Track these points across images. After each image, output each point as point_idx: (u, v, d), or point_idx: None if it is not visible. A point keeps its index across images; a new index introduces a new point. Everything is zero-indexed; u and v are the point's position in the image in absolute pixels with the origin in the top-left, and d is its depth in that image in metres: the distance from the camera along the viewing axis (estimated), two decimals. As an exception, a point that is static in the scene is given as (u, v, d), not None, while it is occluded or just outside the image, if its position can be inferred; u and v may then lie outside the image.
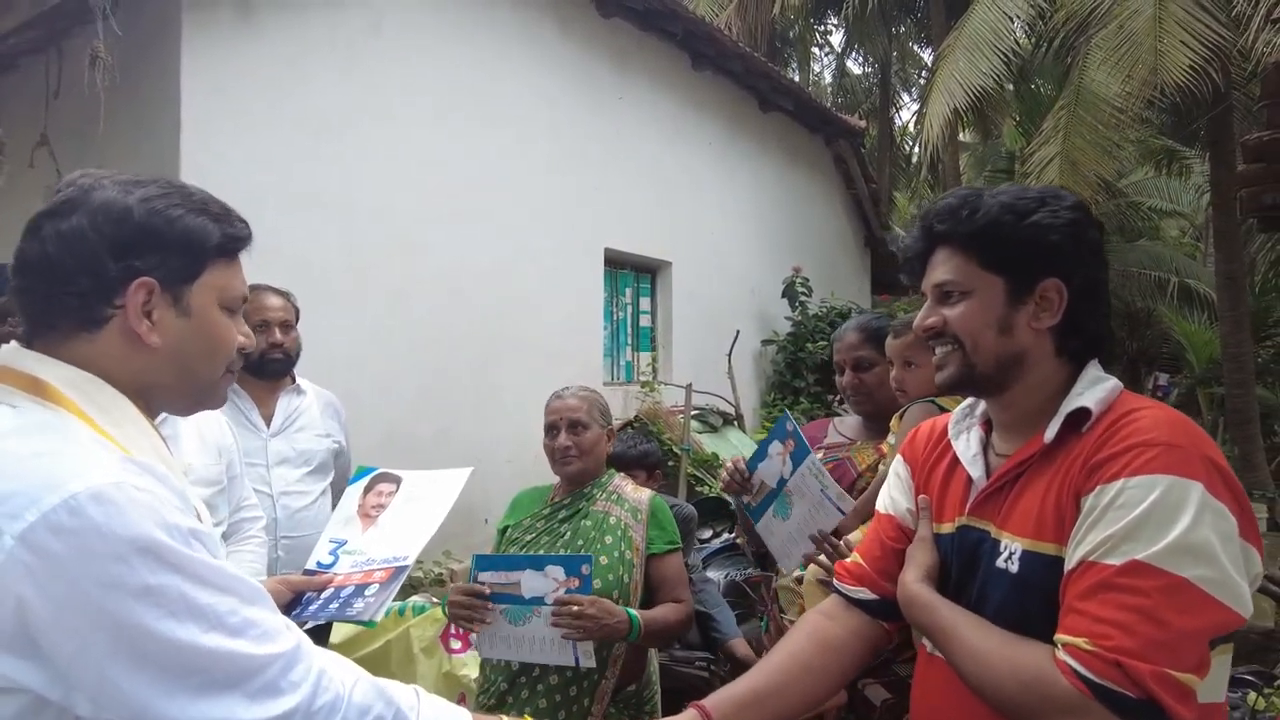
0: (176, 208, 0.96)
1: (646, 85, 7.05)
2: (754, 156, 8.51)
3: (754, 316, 8.39)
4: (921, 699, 1.20)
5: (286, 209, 4.29)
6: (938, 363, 1.16)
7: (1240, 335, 8.37)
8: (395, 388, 4.88)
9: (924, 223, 1.17)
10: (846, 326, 2.09)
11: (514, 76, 5.78)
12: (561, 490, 2.18)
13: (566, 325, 6.19)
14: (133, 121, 3.94)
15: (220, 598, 0.83)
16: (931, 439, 1.29)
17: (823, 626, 1.27)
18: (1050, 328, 1.10)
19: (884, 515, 1.31)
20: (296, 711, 0.84)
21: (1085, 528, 0.97)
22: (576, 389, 2.20)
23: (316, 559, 1.58)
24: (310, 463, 2.79)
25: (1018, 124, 13.35)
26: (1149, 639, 0.89)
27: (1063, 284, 1.09)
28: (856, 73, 18.46)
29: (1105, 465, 0.98)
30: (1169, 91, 6.63)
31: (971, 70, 8.43)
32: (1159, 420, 1.00)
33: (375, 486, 1.78)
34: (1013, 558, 1.05)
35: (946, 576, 1.15)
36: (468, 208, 5.40)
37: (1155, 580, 0.91)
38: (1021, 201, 1.10)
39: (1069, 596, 0.96)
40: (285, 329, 2.69)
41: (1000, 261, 1.09)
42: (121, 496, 0.80)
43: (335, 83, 4.61)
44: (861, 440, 2.00)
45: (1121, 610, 0.91)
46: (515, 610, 1.82)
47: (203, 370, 1.01)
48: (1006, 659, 0.98)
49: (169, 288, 0.95)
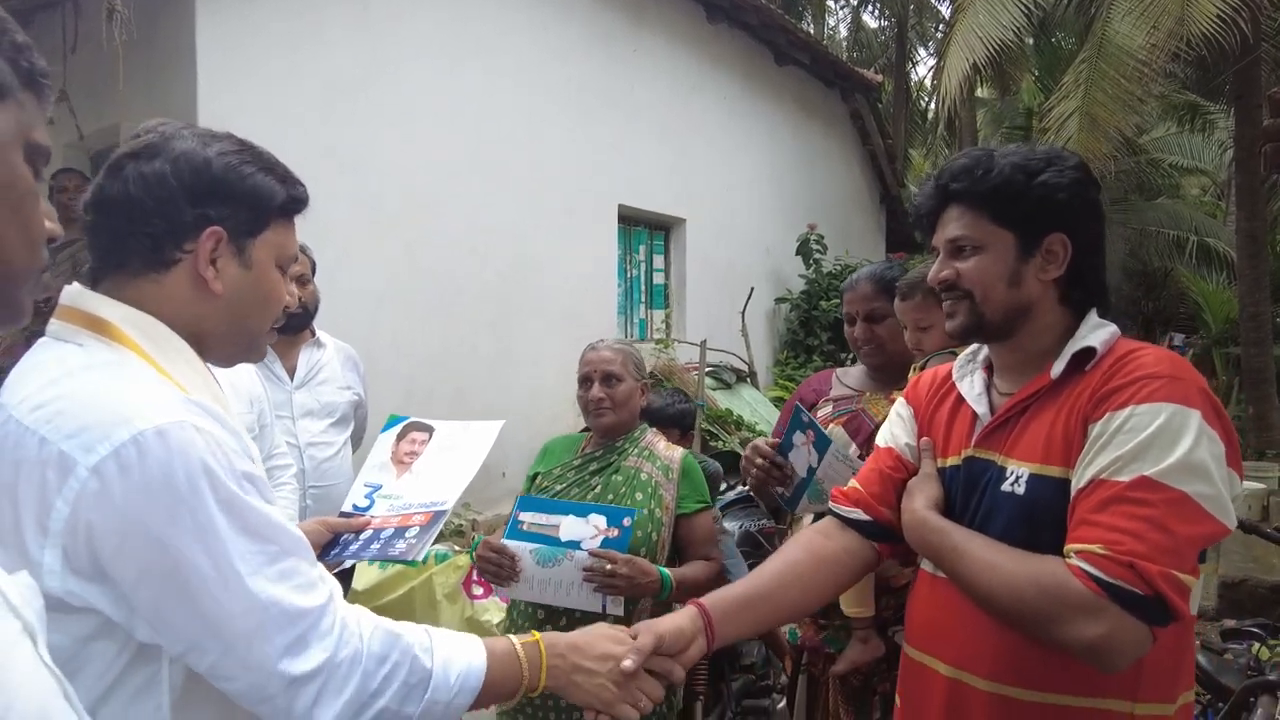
0: (249, 164, 1.00)
1: (661, 39, 6.94)
2: (769, 112, 8.40)
3: (768, 274, 8.36)
4: (922, 617, 1.28)
5: (302, 164, 4.15)
6: (948, 311, 1.24)
7: (1259, 294, 8.27)
8: (412, 345, 4.93)
9: (938, 182, 1.24)
10: (859, 276, 2.05)
11: (528, 31, 5.71)
12: (593, 442, 2.17)
13: (581, 282, 6.20)
14: (149, 76, 3.94)
15: (264, 544, 0.87)
16: (934, 384, 1.38)
17: (818, 542, 1.34)
18: (1055, 279, 1.19)
19: (883, 448, 1.40)
20: (323, 669, 0.88)
21: (1095, 450, 1.07)
22: (612, 341, 2.19)
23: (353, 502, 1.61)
24: (333, 414, 2.84)
25: (1036, 79, 13.07)
26: (1157, 544, 0.99)
27: (1067, 238, 1.18)
28: (873, 26, 18.06)
29: (1114, 395, 1.08)
30: (1195, 43, 6.47)
31: (991, 23, 8.25)
32: (1160, 357, 1.12)
33: (409, 434, 1.78)
34: (1019, 481, 1.14)
35: (950, 505, 1.23)
36: (482, 164, 5.38)
37: (1161, 494, 1.01)
38: (1031, 162, 1.18)
39: (1080, 510, 1.06)
40: (302, 283, 2.71)
41: (1011, 218, 1.17)
42: (185, 435, 0.84)
43: (350, 39, 4.57)
44: (871, 391, 1.98)
45: (1132, 519, 1.00)
46: (546, 551, 1.84)
47: (255, 321, 1.05)
48: (1025, 570, 1.06)
49: (235, 239, 0.99)
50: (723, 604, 1.25)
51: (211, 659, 0.85)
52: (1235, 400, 9.71)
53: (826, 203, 9.17)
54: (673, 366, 6.07)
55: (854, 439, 1.88)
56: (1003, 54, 8.75)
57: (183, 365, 0.96)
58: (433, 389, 4.99)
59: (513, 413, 5.22)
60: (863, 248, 9.56)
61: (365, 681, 0.90)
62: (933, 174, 1.28)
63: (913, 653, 1.28)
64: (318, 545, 1.47)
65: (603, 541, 1.82)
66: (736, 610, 1.25)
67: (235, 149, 1.00)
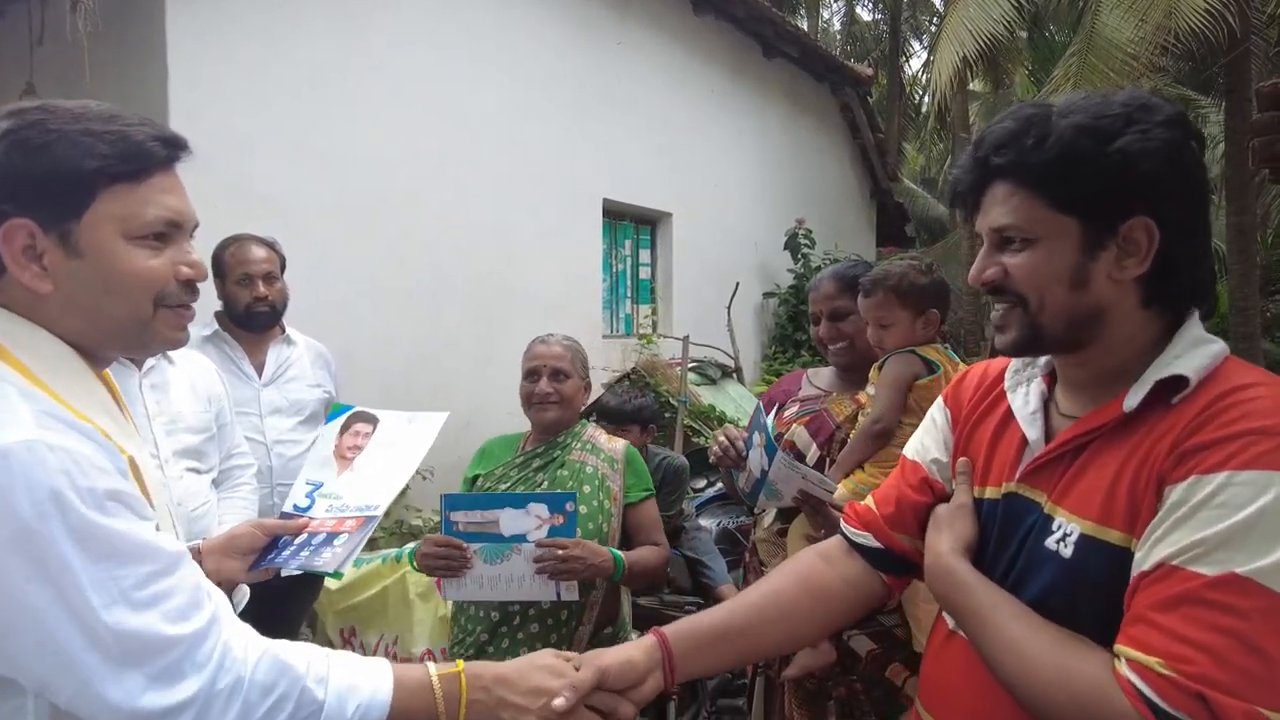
0: (48, 134, 0.85)
1: (647, 31, 6.89)
2: (757, 105, 8.34)
3: (756, 269, 8.32)
4: (936, 679, 1.07)
5: (278, 158, 4.23)
6: (997, 323, 0.98)
7: (1248, 288, 8.27)
8: (392, 342, 4.88)
9: (978, 153, 0.95)
10: (822, 276, 2.05)
11: (510, 23, 5.65)
12: (533, 439, 2.18)
13: (565, 277, 6.15)
14: (119, 69, 3.88)
15: (130, 568, 0.80)
16: (983, 386, 1.11)
17: (816, 569, 1.16)
18: (1137, 277, 0.90)
19: (909, 461, 1.16)
20: (196, 699, 0.81)
21: (1170, 524, 0.81)
22: (560, 337, 2.19)
23: (293, 501, 1.58)
24: (302, 412, 2.81)
25: (1030, 73, 13.03)
26: (1244, 671, 0.74)
27: (1153, 223, 0.88)
28: (866, 19, 18.00)
29: (1204, 451, 0.81)
30: (1183, 37, 6.44)
31: (982, 17, 8.22)
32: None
33: (352, 426, 1.74)
34: (1067, 540, 0.89)
35: (982, 548, 1.01)
36: (464, 157, 5.33)
37: (1258, 600, 0.75)
38: (1103, 121, 0.87)
39: (1140, 603, 0.81)
40: (270, 281, 2.67)
41: (1075, 201, 0.89)
42: (30, 456, 0.76)
43: (326, 29, 4.51)
44: (837, 391, 1.97)
45: (1212, 632, 0.76)
46: (492, 549, 1.82)
47: (115, 312, 0.91)
48: (1056, 663, 0.84)
49: (52, 227, 0.86)
50: (689, 637, 1.09)
51: (67, 695, 0.78)
52: (1225, 395, 9.71)
53: (816, 197, 9.14)
54: (656, 362, 6.04)
55: (815, 439, 1.87)
56: (995, 47, 8.71)
57: (63, 372, 0.88)
58: (413, 386, 4.95)
59: (496, 409, 5.18)
60: (853, 242, 9.52)
61: (246, 713, 0.84)
62: (973, 141, 0.99)
63: (923, 713, 1.08)
64: (254, 549, 1.43)
65: (550, 530, 1.80)
66: (705, 644, 1.09)
67: (31, 121, 0.85)
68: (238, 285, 2.63)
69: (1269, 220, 10.74)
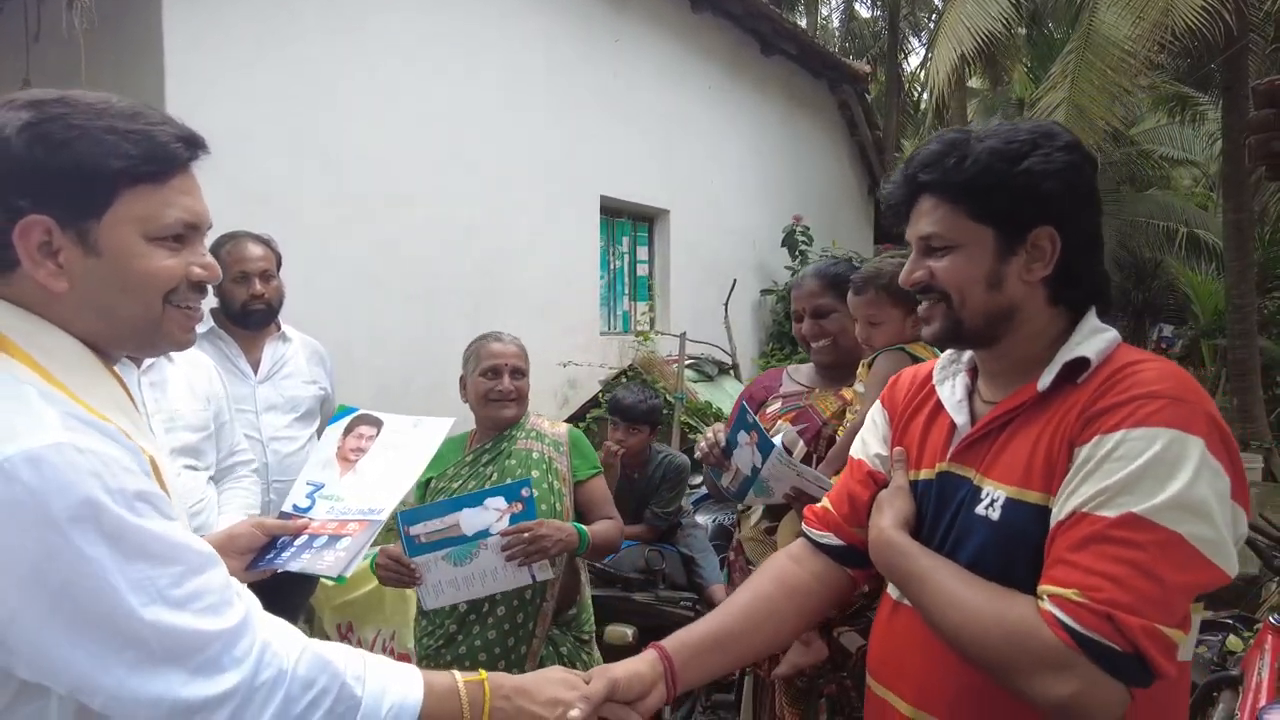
0: (70, 130, 0.83)
1: (644, 28, 6.88)
2: (755, 102, 8.34)
3: (753, 266, 8.33)
4: (885, 649, 1.18)
5: (274, 156, 4.24)
6: (924, 315, 1.12)
7: (1245, 286, 8.29)
8: (388, 339, 4.89)
9: (907, 170, 1.10)
10: (804, 274, 2.05)
11: (506, 19, 5.64)
12: (480, 436, 2.24)
13: (562, 274, 6.16)
14: (115, 66, 3.88)
15: (163, 568, 0.80)
16: (914, 386, 1.26)
17: (788, 570, 1.25)
18: (1043, 278, 1.05)
19: (854, 460, 1.30)
20: (238, 691, 0.82)
21: (1079, 478, 0.95)
22: (511, 336, 2.27)
23: (293, 501, 1.57)
24: (298, 409, 2.81)
25: (1029, 70, 13.03)
26: (1142, 593, 0.87)
27: (1056, 232, 1.04)
28: (865, 16, 17.98)
29: (1104, 415, 0.96)
30: (1180, 35, 6.44)
31: (979, 14, 8.22)
32: (1164, 373, 0.98)
33: (356, 428, 1.72)
34: (995, 505, 1.03)
35: (920, 523, 1.13)
36: (460, 155, 5.33)
37: (1151, 535, 0.89)
38: (1012, 145, 1.03)
39: (1058, 547, 0.94)
40: (266, 279, 2.67)
41: (990, 212, 1.04)
42: (60, 460, 0.76)
43: (322, 26, 4.51)
44: (820, 388, 1.97)
45: (1115, 563, 0.89)
46: (459, 551, 1.83)
47: (129, 312, 0.90)
48: (992, 610, 0.95)
49: (70, 225, 0.84)
50: (688, 646, 1.15)
51: (103, 697, 0.79)
52: (1222, 392, 9.75)
53: (814, 194, 9.14)
54: (653, 359, 6.05)
55: (801, 436, 1.87)
56: (993, 44, 8.72)
57: (80, 371, 0.87)
58: (409, 382, 4.96)
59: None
60: (850, 239, 9.53)
61: (287, 706, 0.85)
62: (904, 160, 1.15)
63: (874, 686, 1.18)
64: (252, 549, 1.42)
65: (511, 518, 1.83)
66: (704, 652, 1.16)
67: (54, 114, 0.82)
68: (234, 283, 2.64)
69: (1266, 217, 10.76)
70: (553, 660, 2.03)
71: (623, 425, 3.28)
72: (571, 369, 5.98)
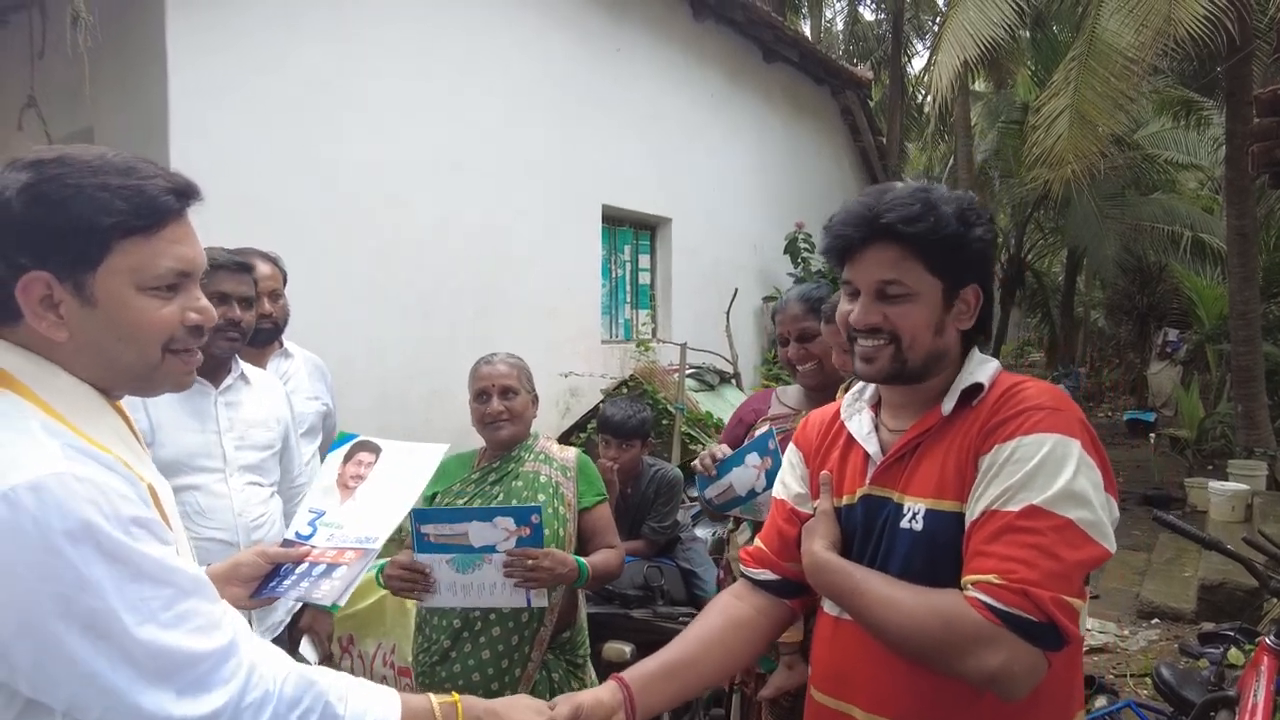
0: (66, 189, 0.88)
1: (645, 36, 6.90)
2: (757, 109, 8.35)
3: (756, 274, 8.33)
4: (831, 664, 1.27)
5: (275, 168, 4.27)
6: (865, 354, 1.21)
7: (1248, 292, 8.26)
8: (388, 349, 4.91)
9: (872, 214, 1.18)
10: (788, 297, 2.07)
11: (506, 28, 5.66)
12: (487, 455, 2.25)
13: (563, 283, 6.17)
14: (119, 81, 3.91)
15: (156, 590, 0.85)
16: (823, 425, 1.40)
17: (732, 605, 1.37)
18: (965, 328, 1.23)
19: (777, 500, 1.42)
20: (225, 710, 0.87)
21: (985, 482, 1.10)
22: (505, 356, 2.26)
23: (295, 529, 1.60)
24: (301, 425, 2.83)
25: (1032, 73, 13.01)
26: (1047, 570, 1.02)
27: (980, 289, 1.22)
28: (869, 19, 17.98)
29: (1000, 428, 1.12)
30: (1182, 43, 6.43)
31: (982, 20, 8.22)
32: (1042, 389, 1.16)
33: (355, 455, 1.76)
34: (917, 517, 1.16)
35: (849, 544, 1.25)
36: (460, 165, 5.35)
37: (1049, 521, 1.05)
38: (967, 214, 1.19)
39: (975, 542, 1.08)
40: (274, 298, 2.69)
41: (945, 268, 1.18)
42: (60, 487, 0.81)
43: (323, 38, 4.54)
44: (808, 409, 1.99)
45: (1023, 548, 1.04)
46: (463, 559, 1.88)
47: (126, 358, 0.95)
48: (925, 604, 1.08)
49: (68, 277, 0.89)
50: (644, 676, 1.26)
51: (97, 714, 0.84)
52: (1226, 398, 9.69)
53: (816, 201, 9.13)
54: (654, 369, 6.06)
55: None
56: (996, 49, 8.71)
57: (81, 406, 0.93)
58: (409, 393, 4.98)
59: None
60: (853, 245, 9.50)
61: None
62: (859, 201, 1.21)
63: (822, 698, 1.27)
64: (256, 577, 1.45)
65: (518, 541, 1.86)
66: (658, 680, 1.26)
67: (51, 175, 0.88)
68: None
69: (1270, 223, 10.73)
70: (545, 686, 2.06)
71: (615, 442, 3.20)
72: (573, 378, 6.00)
